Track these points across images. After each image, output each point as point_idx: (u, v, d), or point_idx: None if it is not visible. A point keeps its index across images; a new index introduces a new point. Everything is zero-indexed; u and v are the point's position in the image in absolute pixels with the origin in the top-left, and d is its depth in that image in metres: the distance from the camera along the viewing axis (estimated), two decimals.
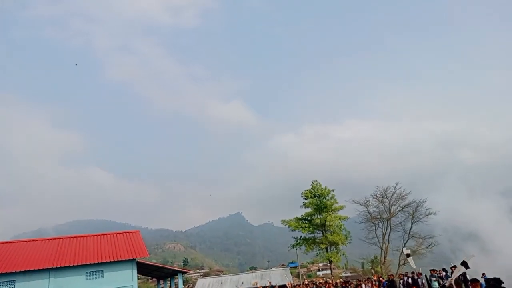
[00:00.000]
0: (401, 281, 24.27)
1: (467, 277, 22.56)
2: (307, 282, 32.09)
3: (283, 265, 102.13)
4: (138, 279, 34.92)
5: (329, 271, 47.76)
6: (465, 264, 19.26)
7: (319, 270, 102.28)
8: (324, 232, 34.19)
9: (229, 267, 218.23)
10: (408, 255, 24.74)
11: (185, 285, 54.73)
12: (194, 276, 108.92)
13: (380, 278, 24.37)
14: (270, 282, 29.65)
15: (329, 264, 39.60)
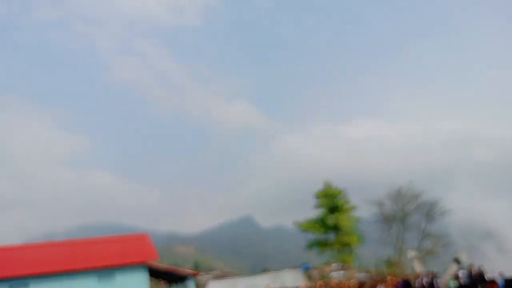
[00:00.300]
0: (415, 282, 23.83)
1: (484, 276, 22.02)
2: (319, 284, 31.61)
3: (295, 266, 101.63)
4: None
5: (342, 272, 47.23)
6: (457, 261, 18.82)
7: (332, 271, 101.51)
8: (337, 233, 33.79)
9: (240, 269, 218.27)
10: (412, 258, 24.23)
11: None
12: (205, 278, 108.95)
13: (394, 278, 23.91)
14: (283, 284, 29.30)
15: (342, 266, 39.10)
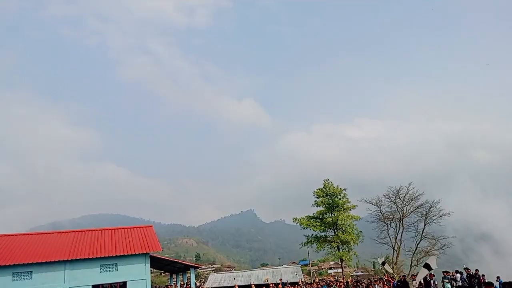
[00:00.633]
0: (413, 282, 24.16)
1: (481, 280, 22.34)
2: (317, 280, 32.09)
3: (294, 262, 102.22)
4: (151, 272, 35.50)
5: (340, 270, 47.67)
6: (427, 266, 19.13)
7: (330, 268, 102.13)
8: (335, 231, 34.17)
9: (240, 263, 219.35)
10: (384, 263, 24.56)
11: (197, 280, 55.23)
12: (206, 271, 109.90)
13: (390, 278, 24.25)
14: (281, 279, 29.76)
15: (340, 263, 39.50)
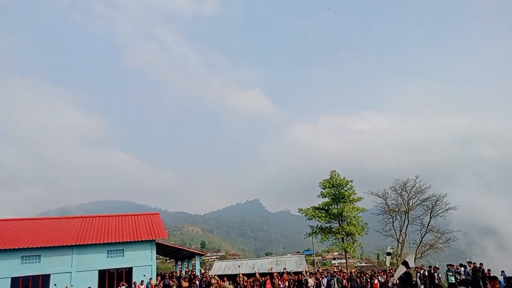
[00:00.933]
0: (417, 274, 24.20)
1: (485, 273, 22.31)
2: (321, 270, 32.27)
3: (298, 252, 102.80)
4: (157, 259, 35.90)
5: (343, 260, 47.87)
6: (405, 264, 19.11)
7: (334, 259, 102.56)
8: (340, 222, 34.22)
9: (245, 251, 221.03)
10: (389, 254, 24.60)
11: (202, 267, 55.84)
12: (211, 258, 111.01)
13: (392, 271, 24.27)
14: (285, 268, 29.96)
15: (344, 254, 39.65)
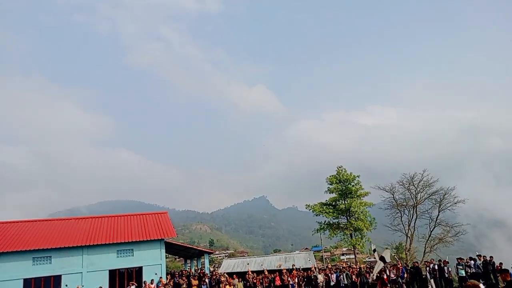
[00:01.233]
0: (427, 268, 24.10)
1: (496, 267, 22.15)
2: (330, 266, 32.28)
3: (306, 248, 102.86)
4: (166, 258, 36.17)
5: (352, 256, 47.91)
6: (383, 259, 18.97)
7: (343, 254, 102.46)
8: (348, 217, 34.16)
9: (253, 249, 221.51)
10: (375, 251, 24.41)
11: (211, 265, 56.22)
12: (219, 256, 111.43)
13: (399, 265, 24.14)
14: (294, 265, 30.02)
15: (353, 250, 39.60)
